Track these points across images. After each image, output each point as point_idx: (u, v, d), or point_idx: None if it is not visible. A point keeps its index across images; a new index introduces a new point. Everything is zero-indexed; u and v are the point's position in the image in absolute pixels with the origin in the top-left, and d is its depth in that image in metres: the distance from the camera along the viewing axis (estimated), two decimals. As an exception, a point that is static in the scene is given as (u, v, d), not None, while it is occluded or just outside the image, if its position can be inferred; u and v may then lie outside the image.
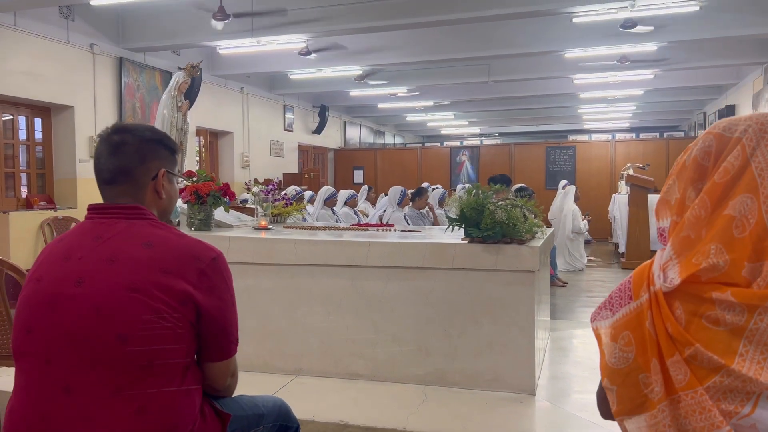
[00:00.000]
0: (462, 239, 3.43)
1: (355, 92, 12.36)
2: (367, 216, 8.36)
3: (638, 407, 1.11)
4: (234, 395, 1.51)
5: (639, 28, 7.46)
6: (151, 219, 1.38)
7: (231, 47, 8.23)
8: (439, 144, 18.98)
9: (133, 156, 1.38)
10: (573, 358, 3.99)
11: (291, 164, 13.04)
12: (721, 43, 8.98)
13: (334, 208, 7.14)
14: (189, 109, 8.58)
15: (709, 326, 1.02)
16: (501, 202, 3.41)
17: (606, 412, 1.17)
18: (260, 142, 11.83)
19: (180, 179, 1.54)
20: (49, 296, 1.29)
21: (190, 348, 1.33)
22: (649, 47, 8.36)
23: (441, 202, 7.50)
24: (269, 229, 4.17)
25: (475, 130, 20.43)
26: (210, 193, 3.84)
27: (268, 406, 1.57)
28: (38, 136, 7.51)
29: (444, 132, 20.82)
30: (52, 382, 1.24)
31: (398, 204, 6.76)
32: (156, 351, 1.25)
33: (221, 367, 1.40)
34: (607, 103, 14.28)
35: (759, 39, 8.95)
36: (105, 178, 1.39)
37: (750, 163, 1.04)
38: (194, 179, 4.00)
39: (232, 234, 3.85)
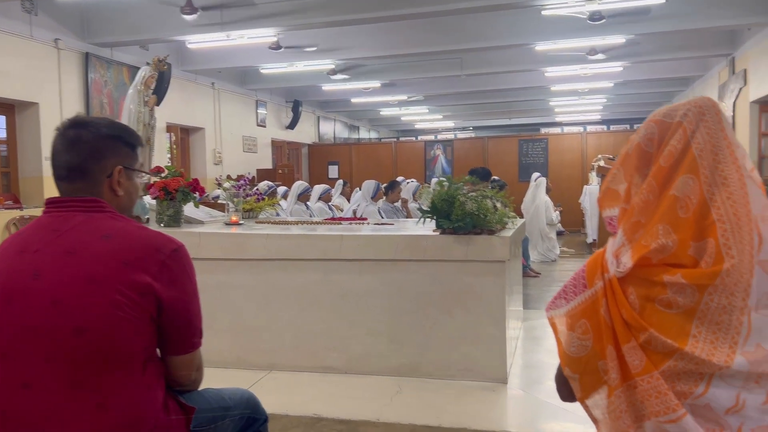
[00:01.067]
0: (434, 231, 3.44)
1: (328, 87, 12.30)
2: (342, 211, 8.33)
3: (599, 390, 1.13)
4: (200, 388, 1.50)
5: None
6: (109, 212, 1.36)
7: (200, 41, 8.13)
8: (413, 138, 18.97)
9: (89, 153, 1.35)
10: (546, 346, 4.04)
11: (264, 160, 12.95)
12: (687, 35, 9.14)
13: (308, 203, 7.09)
14: (158, 105, 8.46)
15: (662, 310, 1.04)
16: (471, 194, 3.43)
17: (566, 395, 1.19)
18: (233, 138, 11.72)
19: (143, 174, 1.51)
20: (5, 290, 1.27)
21: (151, 341, 1.31)
22: (618, 40, 8.48)
23: (415, 196, 7.52)
24: (240, 224, 4.14)
25: (450, 124, 20.51)
26: (179, 189, 3.79)
27: (235, 398, 1.56)
28: (2, 134, 7.33)
29: (418, 126, 20.85)
30: (10, 378, 1.22)
31: (372, 198, 6.76)
32: (115, 344, 1.24)
33: (185, 361, 1.39)
34: (577, 95, 14.45)
35: (724, 31, 9.14)
36: (60, 175, 1.36)
37: (691, 145, 1.06)
38: (163, 175, 3.94)
39: (203, 230, 3.81)
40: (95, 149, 1.35)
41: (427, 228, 3.54)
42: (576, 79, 11.96)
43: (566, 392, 1.18)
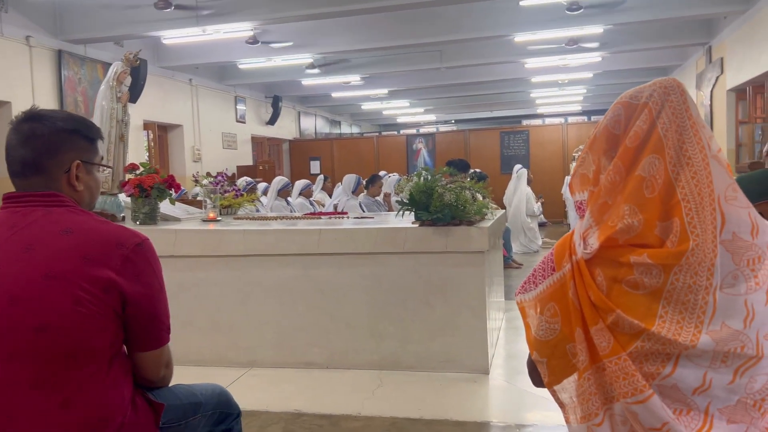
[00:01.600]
0: (413, 223, 3.44)
1: (307, 81, 12.24)
2: (323, 206, 8.31)
3: (568, 376, 1.13)
4: (171, 384, 1.48)
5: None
6: (70, 206, 1.33)
7: (176, 37, 8.03)
8: (395, 132, 19.01)
9: (44, 148, 1.32)
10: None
11: (245, 156, 12.86)
12: (664, 24, 9.22)
13: (289, 198, 7.07)
14: (134, 102, 8.34)
15: (629, 290, 1.04)
16: (450, 185, 3.43)
17: (538, 381, 1.19)
18: (212, 135, 11.62)
19: (104, 168, 1.48)
20: None
21: (116, 337, 1.29)
22: (596, 29, 8.53)
23: (396, 189, 7.51)
24: (218, 220, 4.11)
25: (431, 117, 20.52)
26: (154, 186, 3.75)
27: (207, 393, 1.54)
28: (-26, 133, 7.19)
29: (400, 120, 20.84)
30: None
31: (352, 192, 6.75)
32: (78, 341, 1.21)
33: (154, 357, 1.37)
34: (558, 87, 14.53)
35: (701, 20, 9.23)
36: (15, 171, 1.33)
37: (656, 125, 1.06)
38: (137, 172, 3.90)
39: (179, 227, 3.78)
40: (50, 144, 1.32)
41: (407, 220, 3.53)
42: (556, 70, 12.02)
43: (538, 378, 1.18)
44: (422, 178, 3.42)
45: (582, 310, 1.07)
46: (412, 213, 3.43)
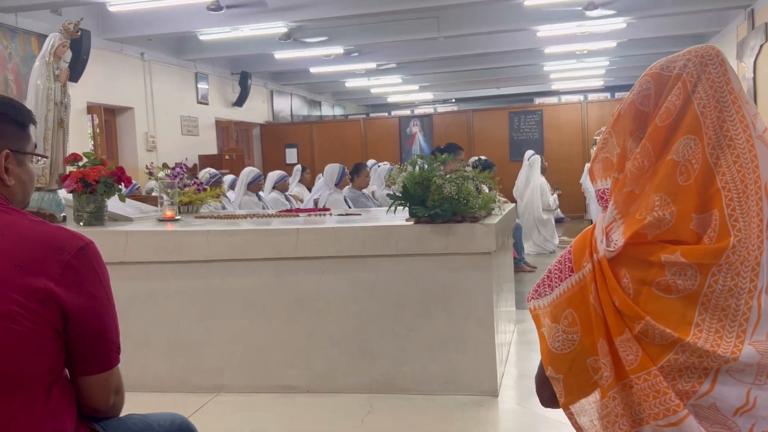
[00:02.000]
0: (407, 220, 3.45)
1: (281, 54, 12.20)
2: (302, 201, 8.31)
3: (587, 395, 1.13)
4: (123, 414, 1.47)
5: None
6: (-1, 204, 1.32)
7: (124, 3, 7.99)
8: (386, 114, 19.00)
9: None
10: (542, 352, 4.08)
11: (208, 144, 12.83)
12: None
13: (261, 193, 7.06)
14: (76, 81, 8.29)
15: (660, 294, 1.04)
16: (450, 175, 3.44)
17: (547, 399, 1.20)
18: (168, 119, 11.58)
19: (38, 158, 1.47)
20: None
21: (56, 360, 1.28)
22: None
23: (387, 181, 7.52)
24: (177, 220, 4.10)
25: (428, 96, 20.52)
26: (100, 180, 3.73)
27: (165, 425, 1.54)
28: None
29: (391, 100, 20.84)
30: None
31: (336, 185, 6.75)
32: (9, 365, 1.20)
33: (101, 382, 1.36)
34: (576, 58, 14.58)
35: (741, -21, 9.29)
36: None
37: (692, 100, 1.06)
38: (80, 163, 3.88)
39: (131, 228, 3.76)
40: None
41: (400, 217, 3.54)
42: (573, 39, 12.05)
43: (548, 395, 1.19)
44: (418, 168, 3.42)
45: (605, 318, 1.08)
46: (406, 208, 3.43)
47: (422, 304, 3.41)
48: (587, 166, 10.50)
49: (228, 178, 7.94)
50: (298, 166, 10.07)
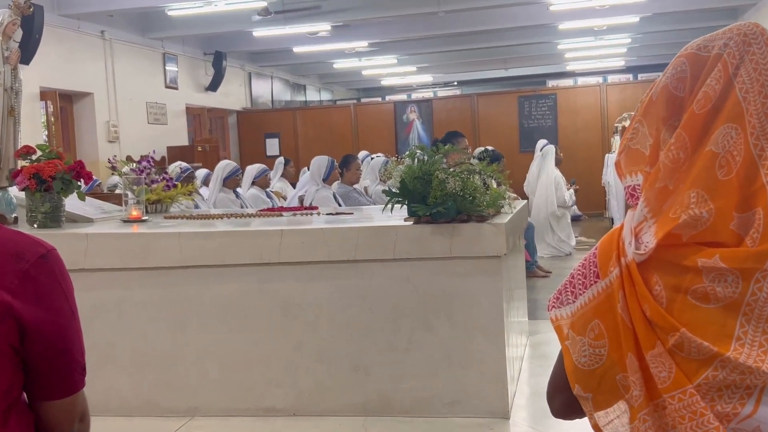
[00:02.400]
0: (405, 220, 3.45)
1: (260, 32, 12.19)
2: (285, 199, 8.31)
3: (621, 416, 1.14)
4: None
5: None
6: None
7: (82, -25, 7.95)
8: (379, 99, 19.03)
9: None
10: (558, 367, 4.09)
11: (178, 134, 12.81)
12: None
13: (238, 189, 7.07)
14: (28, 64, 8.26)
15: (697, 304, 1.04)
16: (454, 169, 3.44)
17: (559, 410, 1.20)
18: (133, 106, 11.56)
19: None
20: None
21: (13, 382, 1.28)
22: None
23: (382, 175, 7.52)
24: (144, 221, 4.10)
25: (427, 78, 20.54)
26: (57, 176, 3.72)
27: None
28: None
29: (385, 83, 20.86)
30: None
31: (324, 180, 6.74)
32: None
33: (64, 408, 1.36)
34: (594, 35, 14.62)
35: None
36: None
37: (733, 84, 1.06)
38: (34, 157, 3.86)
39: (92, 230, 3.76)
40: None
41: (397, 216, 3.54)
42: (591, 13, 12.08)
43: (559, 405, 1.19)
44: (417, 160, 3.42)
45: (634, 330, 1.08)
46: (405, 206, 3.43)
47: (423, 314, 3.41)
48: (608, 157, 10.55)
49: (201, 173, 7.94)
50: (281, 159, 10.05)
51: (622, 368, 1.10)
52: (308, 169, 8.67)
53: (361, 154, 10.76)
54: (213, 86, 13.83)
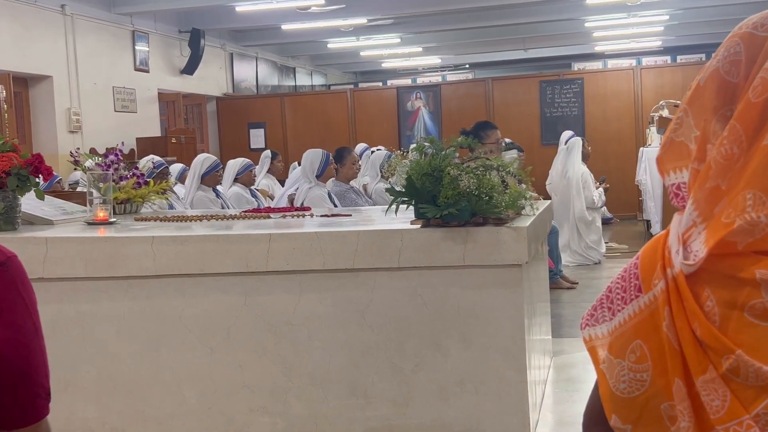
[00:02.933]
0: (412, 223, 3.44)
1: (243, 7, 12.21)
2: (272, 198, 8.32)
3: None
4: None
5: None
6: None
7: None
8: (380, 84, 19.06)
9: None
10: (588, 391, 4.09)
11: (149, 123, 12.82)
12: None
13: (219, 187, 7.07)
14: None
15: (755, 322, 1.04)
16: (468, 164, 3.44)
17: None
18: (97, 91, 11.59)
19: None
20: None
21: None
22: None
23: (383, 172, 7.54)
24: (111, 223, 4.10)
25: (434, 60, 20.56)
26: (11, 171, 3.73)
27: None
28: None
29: (387, 65, 20.88)
30: None
31: (318, 176, 6.75)
32: None
33: (24, 438, 1.36)
34: (627, 11, 14.64)
35: None
36: None
37: None
38: (-15, 150, 3.87)
39: (51, 234, 3.76)
40: None
41: (403, 219, 3.54)
42: (623, -14, 12.10)
43: None
44: (425, 154, 3.42)
45: (682, 352, 1.08)
46: (411, 207, 3.43)
47: (431, 331, 3.41)
48: (642, 151, 10.54)
49: (176, 168, 7.95)
50: (267, 152, 10.08)
51: (667, 396, 1.10)
52: (299, 164, 8.69)
53: (359, 147, 10.79)
54: (189, 69, 13.84)
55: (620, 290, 1.17)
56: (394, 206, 3.49)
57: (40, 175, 3.88)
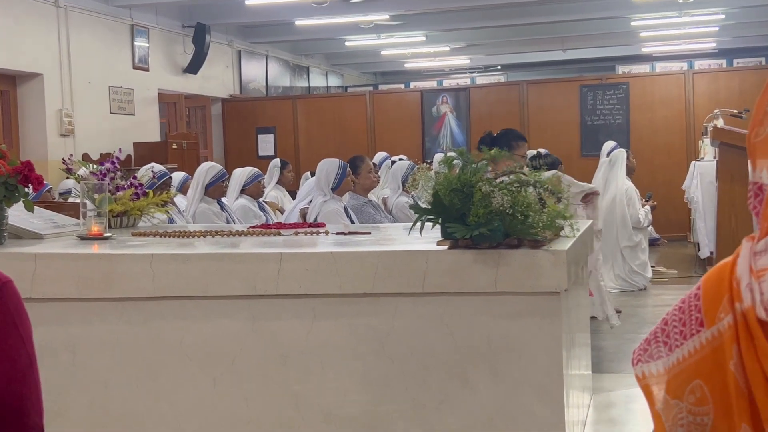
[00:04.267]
0: (438, 243, 3.44)
1: (253, 0, 12.27)
2: (282, 212, 8.32)
3: None
4: None
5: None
6: None
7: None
8: (402, 86, 19.06)
9: None
10: (631, 434, 4.08)
11: (147, 127, 12.88)
12: None
13: (224, 199, 7.07)
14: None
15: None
16: (502, 179, 3.44)
17: None
18: (92, 91, 11.65)
19: None
20: None
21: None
22: None
23: (406, 185, 7.54)
24: (107, 238, 4.11)
25: (463, 61, 20.58)
26: (-1, 180, 3.75)
27: None
28: None
29: (410, 66, 20.90)
30: None
31: (334, 189, 6.75)
32: None
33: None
34: (678, 9, 14.60)
35: None
36: None
37: None
38: (-30, 156, 3.90)
39: (41, 249, 3.78)
40: None
41: (428, 238, 3.54)
42: (674, -19, 12.08)
43: None
44: (454, 167, 3.42)
45: (751, 395, 1.07)
46: (437, 226, 3.43)
47: (458, 364, 3.40)
48: (694, 165, 10.48)
49: (177, 177, 7.96)
50: (276, 161, 10.07)
51: (732, 442, 1.09)
52: (311, 174, 8.70)
53: (379, 156, 10.80)
54: (193, 67, 13.90)
55: (678, 323, 1.16)
56: (418, 225, 3.49)
57: (29, 185, 3.90)
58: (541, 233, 3.38)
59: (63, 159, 4.94)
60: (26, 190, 3.88)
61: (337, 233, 4.52)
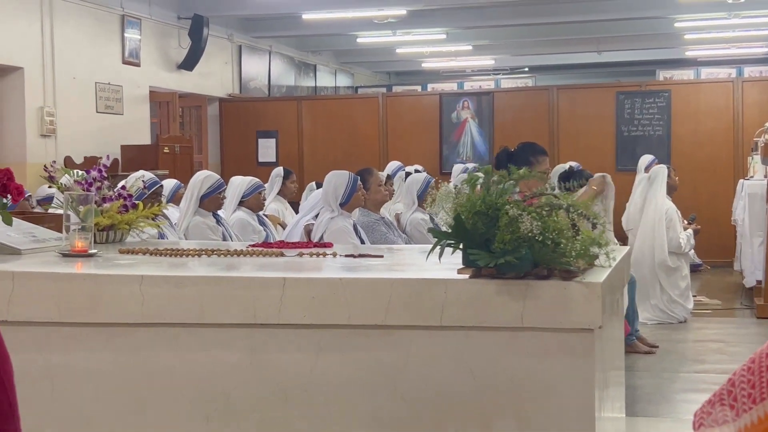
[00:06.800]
0: (458, 271, 3.43)
1: (257, -9, 12.33)
2: (284, 226, 8.32)
3: None
4: None
5: None
6: None
7: None
8: (418, 88, 19.09)
9: None
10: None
11: (137, 128, 12.91)
12: None
13: (220, 212, 7.07)
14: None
15: None
16: (533, 202, 3.44)
17: None
18: (77, 87, 11.69)
19: None
20: None
21: None
22: None
23: (422, 200, 7.53)
24: (92, 255, 4.12)
25: (486, 62, 20.60)
26: (-25, 190, 3.77)
27: None
28: None
29: (428, 66, 20.94)
30: None
31: (342, 204, 6.75)
32: None
33: None
34: (727, 10, 14.60)
35: None
36: None
37: None
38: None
39: (18, 267, 3.79)
40: None
41: (447, 265, 3.53)
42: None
43: None
44: (477, 186, 3.42)
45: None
46: (458, 251, 3.42)
47: (480, 406, 3.39)
48: (742, 183, 10.46)
49: (168, 185, 7.93)
50: (278, 170, 10.04)
51: None
52: (316, 184, 8.69)
53: (392, 165, 10.81)
54: (188, 63, 13.93)
55: (747, 384, 1.15)
56: (436, 250, 3.49)
57: (8, 195, 3.91)
58: (573, 263, 3.37)
59: (45, 166, 4.94)
60: (5, 201, 3.90)
61: (346, 255, 4.51)
